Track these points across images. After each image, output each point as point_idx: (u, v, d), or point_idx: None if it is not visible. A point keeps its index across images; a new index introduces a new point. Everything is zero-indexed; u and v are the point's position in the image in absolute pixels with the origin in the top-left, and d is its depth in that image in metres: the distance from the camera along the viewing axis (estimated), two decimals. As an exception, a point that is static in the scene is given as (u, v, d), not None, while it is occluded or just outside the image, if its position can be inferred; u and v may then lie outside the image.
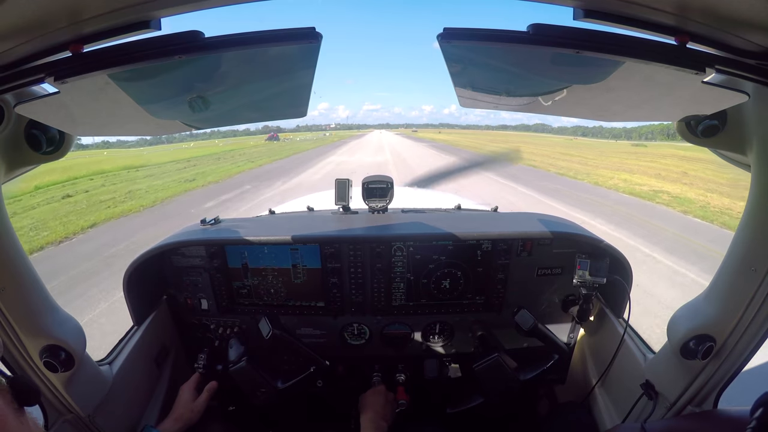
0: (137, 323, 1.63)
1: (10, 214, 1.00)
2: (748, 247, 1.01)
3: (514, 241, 1.67)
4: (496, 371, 1.56)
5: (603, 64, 0.76)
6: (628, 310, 1.62)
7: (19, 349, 1.07)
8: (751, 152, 0.95)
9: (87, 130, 1.04)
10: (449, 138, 78.13)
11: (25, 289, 1.04)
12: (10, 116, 0.89)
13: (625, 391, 1.47)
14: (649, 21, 0.69)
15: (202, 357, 1.75)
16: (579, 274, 1.56)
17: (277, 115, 1.14)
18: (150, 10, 0.68)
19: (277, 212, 2.55)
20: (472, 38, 0.71)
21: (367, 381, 1.81)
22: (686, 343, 1.14)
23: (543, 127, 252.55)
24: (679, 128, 1.03)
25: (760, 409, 0.74)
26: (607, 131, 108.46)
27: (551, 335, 1.68)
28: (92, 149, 64.25)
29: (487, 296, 1.76)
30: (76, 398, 1.20)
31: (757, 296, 1.02)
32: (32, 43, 0.69)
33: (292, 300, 1.78)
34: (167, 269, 1.76)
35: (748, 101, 0.84)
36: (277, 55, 0.77)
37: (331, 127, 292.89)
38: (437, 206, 2.43)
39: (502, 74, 0.92)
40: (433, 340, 1.86)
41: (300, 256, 1.70)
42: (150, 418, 1.59)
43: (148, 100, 0.90)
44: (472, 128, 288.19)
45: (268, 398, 1.60)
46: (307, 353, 1.66)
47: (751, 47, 0.72)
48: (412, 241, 1.67)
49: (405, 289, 1.75)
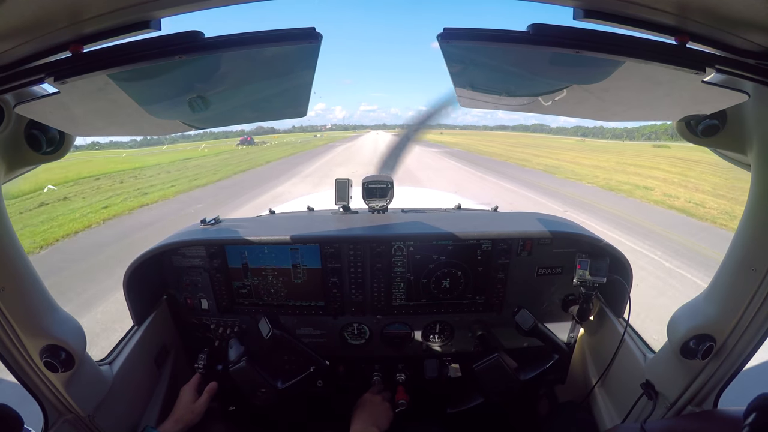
0: (137, 323, 1.63)
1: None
2: (748, 247, 1.02)
3: (514, 241, 1.67)
4: (496, 371, 1.56)
5: (603, 64, 0.76)
6: (628, 309, 1.62)
7: (19, 349, 1.07)
8: (751, 152, 0.95)
9: (87, 130, 1.04)
10: (458, 141, 67.17)
11: (25, 289, 1.04)
12: (10, 116, 0.89)
13: (625, 390, 1.47)
14: (649, 21, 0.69)
15: (202, 357, 1.75)
16: (579, 274, 1.56)
17: (276, 115, 1.13)
18: (150, 10, 0.68)
19: (277, 212, 2.55)
20: (472, 38, 0.71)
21: (367, 381, 1.82)
22: (686, 342, 1.14)
23: (541, 127, 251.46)
24: (679, 128, 1.03)
25: (752, 414, 0.74)
26: (608, 131, 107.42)
27: (551, 335, 1.68)
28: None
29: (487, 296, 1.76)
30: (76, 398, 1.20)
31: (757, 296, 1.02)
32: (32, 43, 0.69)
33: (292, 300, 1.78)
34: (167, 269, 1.76)
35: (748, 101, 0.84)
36: (277, 55, 0.77)
37: (326, 128, 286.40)
38: (437, 206, 2.43)
39: (502, 74, 0.92)
40: (433, 339, 1.86)
41: (300, 255, 1.70)
42: (150, 418, 1.59)
43: (148, 100, 0.90)
44: (469, 128, 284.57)
45: (268, 398, 1.60)
46: (307, 353, 1.66)
47: (751, 47, 0.72)
48: (412, 240, 1.67)
49: (405, 289, 1.75)
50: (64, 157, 1.05)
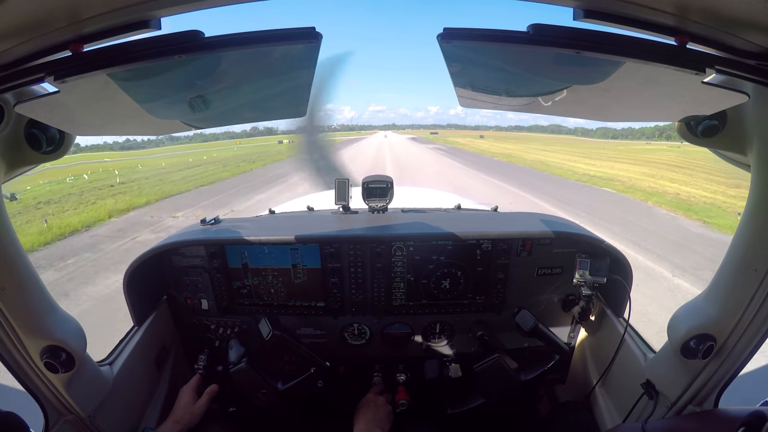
0: (137, 324, 1.63)
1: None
2: (748, 247, 1.02)
3: (514, 241, 1.67)
4: (496, 372, 1.56)
5: (603, 64, 0.76)
6: (628, 309, 1.62)
7: (19, 349, 1.07)
8: (751, 152, 0.95)
9: (87, 129, 1.04)
10: (507, 149, 48.08)
11: (25, 289, 1.04)
12: (10, 116, 0.89)
13: (626, 390, 1.47)
14: (649, 21, 0.69)
15: (202, 358, 1.75)
16: (579, 274, 1.57)
17: (276, 115, 1.14)
18: (150, 10, 0.67)
19: (277, 212, 2.55)
20: (472, 38, 0.71)
21: (368, 381, 1.81)
22: (687, 342, 1.14)
23: (559, 128, 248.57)
24: (679, 128, 1.03)
25: (741, 428, 0.74)
26: (637, 131, 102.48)
27: (552, 335, 1.68)
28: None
29: (487, 296, 1.76)
30: (76, 399, 1.20)
31: (757, 296, 1.02)
32: (32, 43, 0.69)
33: (292, 300, 1.78)
34: (167, 269, 1.75)
35: (748, 101, 0.84)
36: (277, 55, 0.77)
37: (332, 128, 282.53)
38: (437, 206, 2.43)
39: (502, 74, 0.92)
40: (434, 340, 1.86)
41: (300, 256, 1.70)
42: (150, 418, 1.59)
43: (148, 99, 0.90)
44: (481, 129, 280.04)
45: (268, 399, 1.59)
46: (308, 354, 1.65)
47: (751, 47, 0.72)
48: (412, 240, 1.67)
49: (405, 289, 1.75)
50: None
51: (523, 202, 14.41)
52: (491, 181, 20.17)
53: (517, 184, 18.83)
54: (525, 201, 14.74)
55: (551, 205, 13.58)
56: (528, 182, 19.81)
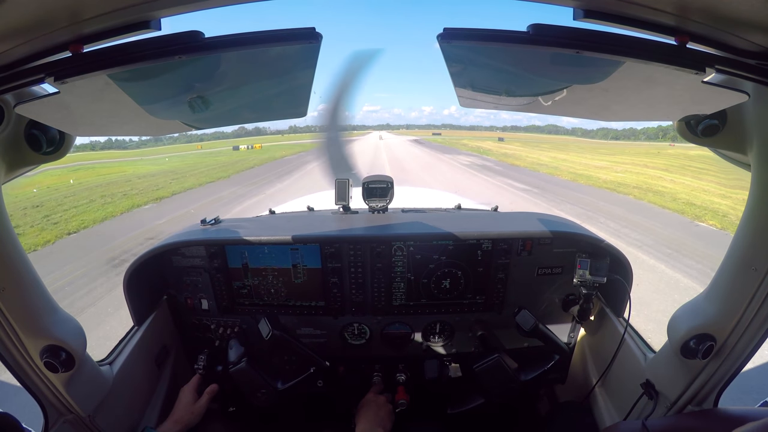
0: (138, 323, 1.63)
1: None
2: (748, 247, 1.02)
3: (514, 241, 1.67)
4: (496, 372, 1.56)
5: (603, 64, 0.76)
6: (628, 309, 1.62)
7: (19, 349, 1.07)
8: (751, 152, 0.95)
9: (87, 130, 1.04)
10: (580, 162, 28.68)
11: (25, 289, 1.04)
12: (10, 116, 0.89)
13: (626, 390, 1.47)
14: (649, 21, 0.69)
15: (202, 358, 1.75)
16: (579, 274, 1.56)
17: (276, 116, 1.14)
18: (150, 10, 0.67)
19: (277, 212, 2.55)
20: (472, 38, 0.71)
21: (368, 381, 1.81)
22: (686, 342, 1.14)
23: (556, 128, 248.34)
24: (679, 128, 1.03)
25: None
26: (641, 132, 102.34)
27: (552, 335, 1.68)
28: None
29: (487, 296, 1.76)
30: (76, 398, 1.20)
31: (757, 296, 1.02)
32: (32, 43, 0.69)
33: (292, 300, 1.78)
34: (167, 269, 1.75)
35: (748, 101, 0.84)
36: (277, 55, 0.77)
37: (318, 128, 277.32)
38: (437, 206, 2.43)
39: (502, 74, 0.92)
40: (434, 340, 1.86)
41: (300, 256, 1.70)
42: (150, 418, 1.59)
43: (147, 100, 0.90)
44: (476, 129, 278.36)
45: (268, 399, 1.59)
46: (308, 354, 1.65)
47: (751, 47, 0.72)
48: (412, 240, 1.67)
49: (405, 289, 1.75)
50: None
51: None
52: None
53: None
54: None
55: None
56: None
